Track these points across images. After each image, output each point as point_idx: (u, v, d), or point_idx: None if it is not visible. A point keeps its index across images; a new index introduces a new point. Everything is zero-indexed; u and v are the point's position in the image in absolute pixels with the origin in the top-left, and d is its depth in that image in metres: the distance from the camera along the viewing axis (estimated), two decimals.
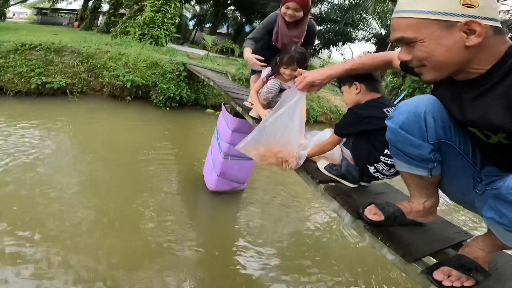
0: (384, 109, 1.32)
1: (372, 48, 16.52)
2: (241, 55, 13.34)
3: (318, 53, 18.37)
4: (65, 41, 6.21)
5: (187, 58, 8.56)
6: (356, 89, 1.45)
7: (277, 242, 2.88)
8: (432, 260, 1.07)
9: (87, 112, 5.31)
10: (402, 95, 10.54)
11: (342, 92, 1.55)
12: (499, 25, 0.78)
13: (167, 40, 9.84)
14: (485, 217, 0.84)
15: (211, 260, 2.49)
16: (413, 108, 0.94)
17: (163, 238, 2.56)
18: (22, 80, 5.14)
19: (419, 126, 0.93)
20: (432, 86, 1.05)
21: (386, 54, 1.35)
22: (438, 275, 0.90)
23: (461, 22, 0.75)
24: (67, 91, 5.64)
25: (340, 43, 17.32)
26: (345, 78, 1.50)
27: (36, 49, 5.47)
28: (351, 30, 16.47)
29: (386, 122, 1.02)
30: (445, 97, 0.94)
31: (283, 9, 2.16)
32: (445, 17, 0.77)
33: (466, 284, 0.87)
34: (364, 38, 16.45)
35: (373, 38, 15.95)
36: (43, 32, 9.23)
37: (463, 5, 0.75)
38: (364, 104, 1.41)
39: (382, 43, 14.98)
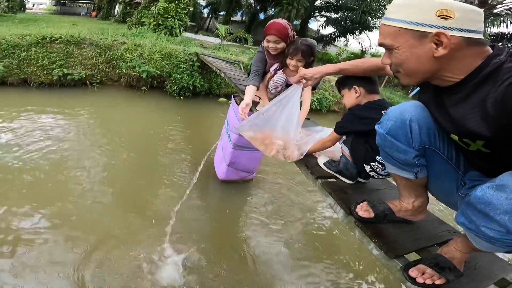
0: (382, 112, 1.35)
1: None
2: (254, 43, 13.30)
3: (334, 41, 18.02)
4: (84, 32, 6.40)
5: (200, 48, 8.64)
6: (356, 92, 1.51)
7: (285, 231, 2.99)
8: (417, 257, 1.12)
9: (106, 102, 5.55)
10: (416, 90, 10.34)
11: (342, 96, 1.61)
12: (478, 37, 0.80)
13: (181, 30, 9.93)
14: (457, 222, 0.89)
15: (219, 245, 2.64)
16: (400, 114, 0.98)
17: (174, 224, 2.71)
18: (45, 72, 5.39)
19: (405, 132, 0.97)
20: (419, 90, 1.09)
21: (378, 60, 1.38)
22: (413, 272, 0.97)
23: (432, 33, 0.79)
24: (87, 82, 5.88)
25: (357, 32, 16.89)
26: (345, 82, 1.56)
27: (57, 42, 5.67)
28: (369, 18, 15.97)
29: (376, 126, 1.06)
30: (430, 103, 0.97)
31: (264, 42, 2.15)
32: (419, 27, 0.81)
33: (437, 282, 0.93)
34: None
35: None
36: (63, 23, 9.51)
37: (438, 16, 0.78)
38: (363, 106, 1.47)
39: None
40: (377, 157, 1.35)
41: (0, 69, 4.93)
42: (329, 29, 18.22)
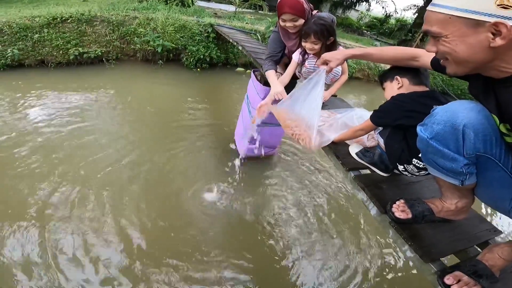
0: (435, 106, 1.13)
1: (420, 2, 14.56)
2: (271, 9, 12.64)
3: (355, 6, 16.75)
4: (95, 9, 6.27)
5: (214, 17, 8.32)
6: (398, 83, 1.30)
7: (306, 206, 2.96)
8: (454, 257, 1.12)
9: (124, 78, 5.54)
10: None
11: (383, 89, 1.41)
12: None
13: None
14: None
15: (240, 221, 2.64)
16: (450, 118, 0.86)
17: (195, 201, 2.76)
18: (60, 52, 5.36)
19: (455, 139, 0.86)
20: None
21: (412, 50, 1.32)
22: (449, 279, 0.94)
23: (490, 22, 0.72)
24: (103, 59, 5.84)
25: None
26: (387, 74, 1.38)
27: (68, 21, 5.58)
28: None
29: (418, 129, 0.94)
30: (479, 95, 0.90)
31: (280, 22, 1.92)
32: (476, 15, 0.74)
33: None
34: None
35: None
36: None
37: (498, 5, 0.71)
38: (410, 95, 1.22)
39: None
40: (413, 160, 1.16)
41: (15, 53, 4.92)
42: None
